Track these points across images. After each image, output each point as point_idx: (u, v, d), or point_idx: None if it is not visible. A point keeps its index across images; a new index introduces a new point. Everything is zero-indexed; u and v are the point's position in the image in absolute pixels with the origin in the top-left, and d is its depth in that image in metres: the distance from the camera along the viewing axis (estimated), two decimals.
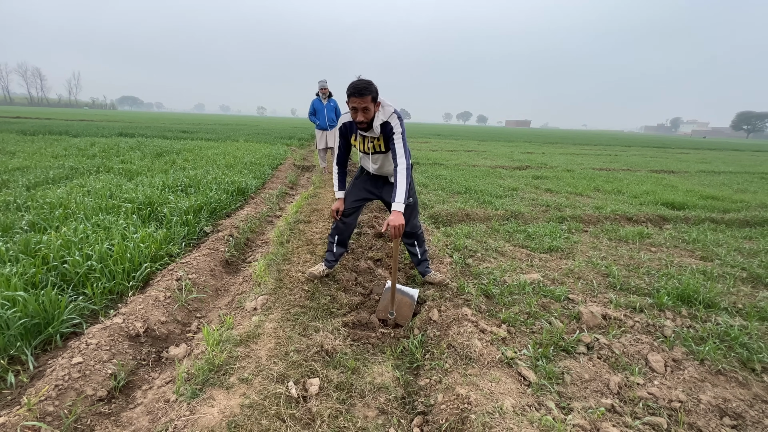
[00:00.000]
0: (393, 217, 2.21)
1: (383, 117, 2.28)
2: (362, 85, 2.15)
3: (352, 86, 2.17)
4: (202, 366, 1.72)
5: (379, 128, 2.30)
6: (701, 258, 3.62)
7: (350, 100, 2.18)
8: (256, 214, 4.41)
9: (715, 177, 9.63)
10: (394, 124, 2.29)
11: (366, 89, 2.14)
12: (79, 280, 2.38)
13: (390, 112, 2.29)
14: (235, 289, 2.74)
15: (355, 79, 2.21)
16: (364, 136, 2.39)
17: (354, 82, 2.19)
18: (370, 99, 2.17)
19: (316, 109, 7.33)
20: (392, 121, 2.29)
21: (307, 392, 1.67)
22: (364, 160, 2.58)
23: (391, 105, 2.31)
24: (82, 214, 3.45)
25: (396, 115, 2.30)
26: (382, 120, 2.28)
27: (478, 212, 4.77)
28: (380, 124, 2.28)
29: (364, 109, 2.18)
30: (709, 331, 2.24)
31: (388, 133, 2.32)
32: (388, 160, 2.47)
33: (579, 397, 1.73)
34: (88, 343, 1.82)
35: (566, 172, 9.19)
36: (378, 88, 2.22)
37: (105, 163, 6.56)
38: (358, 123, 2.25)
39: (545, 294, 2.66)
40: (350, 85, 2.19)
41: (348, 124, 2.41)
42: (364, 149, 2.45)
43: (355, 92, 2.14)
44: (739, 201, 6.21)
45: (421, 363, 2.01)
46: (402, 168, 2.29)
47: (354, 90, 2.15)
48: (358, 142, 2.44)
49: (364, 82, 2.17)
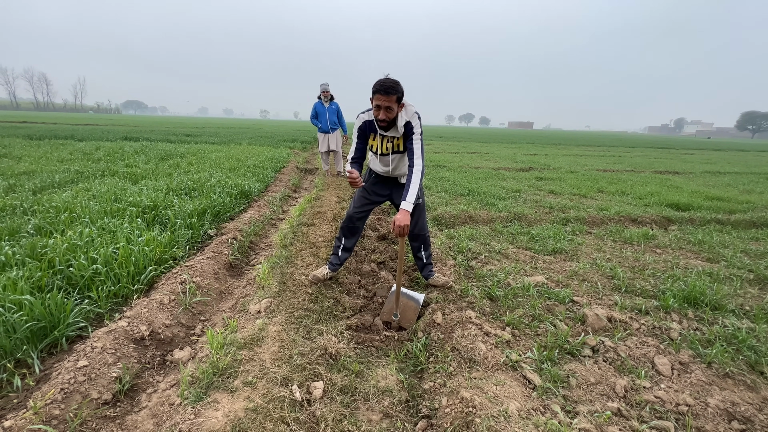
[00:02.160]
0: (400, 216, 2.19)
1: (406, 117, 2.29)
2: (389, 83, 2.13)
3: (379, 83, 2.15)
4: (207, 369, 1.72)
5: (403, 128, 2.31)
6: (707, 259, 3.59)
7: (375, 97, 2.16)
8: (260, 217, 4.42)
9: (720, 178, 9.56)
10: (414, 124, 2.31)
11: (393, 88, 2.13)
12: (84, 283, 2.39)
13: (412, 112, 2.31)
14: (239, 292, 2.75)
15: (382, 77, 2.17)
16: (384, 135, 2.37)
17: (381, 80, 2.16)
18: (395, 99, 2.16)
19: (318, 113, 7.37)
20: (413, 120, 2.31)
21: (311, 395, 1.67)
22: (376, 163, 2.56)
23: (412, 105, 2.31)
24: (88, 217, 3.48)
25: (417, 115, 2.32)
26: (405, 120, 2.29)
27: (482, 214, 4.76)
28: (403, 124, 2.30)
29: (387, 108, 2.17)
30: (716, 334, 2.22)
31: (409, 133, 2.33)
32: (403, 160, 2.47)
33: (585, 400, 1.72)
34: (94, 346, 1.82)
35: (570, 173, 9.16)
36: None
37: (110, 167, 6.61)
38: (379, 121, 2.24)
39: (549, 296, 2.64)
40: (378, 82, 2.16)
41: (368, 122, 2.38)
42: (383, 150, 2.42)
43: (382, 90, 2.12)
44: (745, 202, 6.15)
45: (425, 366, 2.00)
46: (418, 169, 2.29)
47: (381, 87, 2.13)
48: (377, 142, 2.41)
49: (392, 81, 2.14)
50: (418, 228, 2.62)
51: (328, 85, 7.23)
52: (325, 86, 7.22)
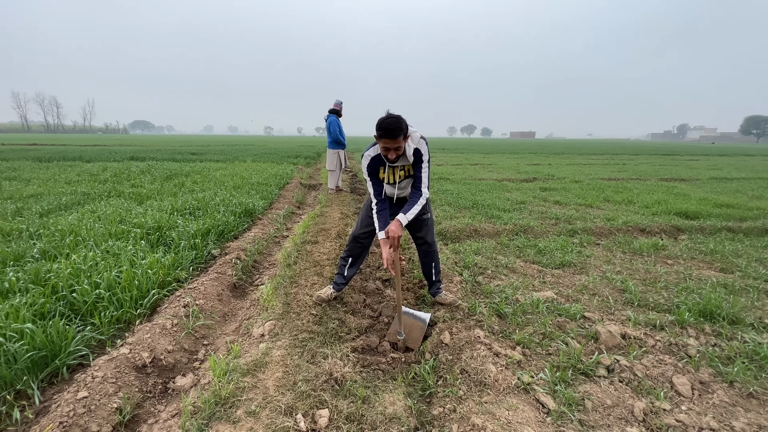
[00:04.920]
0: (394, 227, 2.23)
1: (414, 144, 2.29)
2: (394, 125, 2.06)
3: (384, 128, 2.07)
4: (208, 399, 1.67)
5: (412, 156, 2.31)
6: (721, 270, 3.50)
7: (382, 140, 2.12)
8: (264, 236, 4.41)
9: (728, 184, 9.44)
10: (423, 151, 2.32)
11: (398, 129, 2.07)
12: (87, 309, 2.37)
13: (418, 138, 2.29)
14: (243, 314, 2.71)
15: (385, 117, 2.09)
16: (394, 166, 2.36)
17: (385, 123, 2.07)
18: (401, 138, 2.13)
19: (341, 129, 7.40)
20: (421, 147, 2.31)
21: (316, 425, 1.61)
22: (387, 189, 2.56)
23: (416, 130, 2.29)
24: (92, 240, 3.49)
25: (423, 140, 2.32)
26: (413, 147, 2.29)
27: (487, 227, 4.71)
28: (412, 152, 2.30)
29: (396, 148, 2.16)
30: (736, 350, 2.13)
31: (418, 160, 2.34)
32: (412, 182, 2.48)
33: (602, 425, 1.64)
34: (94, 376, 1.79)
35: (574, 183, 9.10)
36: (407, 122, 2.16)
37: (116, 188, 6.68)
38: (389, 159, 2.24)
39: (560, 312, 2.57)
40: (382, 125, 2.08)
41: (376, 158, 2.35)
42: (395, 178, 2.43)
43: (388, 134, 2.07)
44: (756, 208, 6.04)
45: (434, 390, 1.94)
46: (422, 197, 2.36)
47: (387, 132, 2.07)
48: (387, 173, 2.40)
49: (395, 121, 2.07)
50: (429, 241, 2.61)
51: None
52: (342, 103, 7.34)
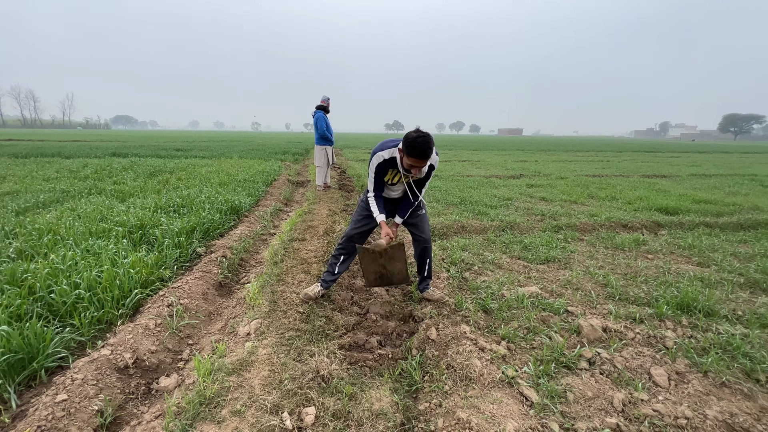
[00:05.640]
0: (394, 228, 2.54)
1: (430, 161, 2.31)
2: (427, 149, 2.08)
3: (418, 149, 2.06)
4: (193, 399, 1.65)
5: (427, 169, 2.38)
6: (698, 264, 3.61)
7: (411, 159, 2.12)
8: (250, 233, 4.36)
9: (706, 180, 9.73)
10: (435, 165, 2.43)
11: (429, 152, 2.10)
12: (66, 310, 2.31)
13: (433, 154, 2.30)
14: (229, 313, 2.68)
15: (417, 136, 2.07)
16: (407, 175, 2.38)
17: (419, 145, 2.06)
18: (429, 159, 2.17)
19: (328, 125, 7.31)
20: (435, 163, 2.40)
21: (302, 423, 1.61)
22: (387, 190, 2.61)
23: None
24: (72, 239, 3.39)
25: (437, 156, 2.39)
26: (429, 164, 2.34)
27: (474, 224, 4.75)
28: (427, 167, 2.38)
29: (421, 167, 2.20)
30: (710, 341, 2.21)
31: (429, 172, 2.45)
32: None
33: (583, 416, 1.68)
34: (74, 378, 1.75)
35: (560, 179, 9.25)
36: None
37: (97, 185, 6.50)
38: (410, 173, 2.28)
39: (544, 307, 2.62)
40: (415, 146, 2.06)
41: (389, 161, 2.34)
42: (397, 182, 2.50)
43: (421, 156, 2.09)
44: (732, 204, 6.24)
45: (420, 386, 1.95)
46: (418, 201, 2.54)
47: (420, 154, 2.08)
48: (396, 178, 2.45)
49: (429, 143, 2.08)
50: (426, 237, 2.67)
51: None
52: (329, 99, 7.27)
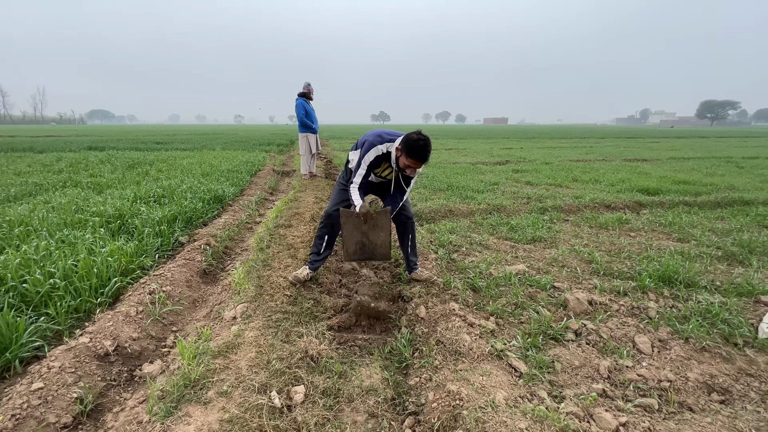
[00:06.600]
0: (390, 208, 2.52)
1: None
2: (428, 150, 2.20)
3: (419, 151, 2.17)
4: (177, 382, 1.61)
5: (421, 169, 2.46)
6: (678, 240, 3.71)
7: (411, 160, 2.21)
8: (235, 222, 4.27)
9: (685, 163, 10.00)
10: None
11: (429, 154, 2.23)
12: (41, 299, 2.21)
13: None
14: (214, 299, 2.62)
15: (419, 138, 2.17)
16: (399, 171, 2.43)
17: (421, 146, 2.16)
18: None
19: (308, 111, 7.09)
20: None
21: (291, 401, 1.59)
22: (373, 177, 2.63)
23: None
24: (45, 230, 3.25)
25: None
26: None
27: (461, 207, 4.76)
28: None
29: (418, 168, 2.31)
30: (691, 310, 2.27)
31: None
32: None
33: (570, 384, 1.71)
34: (50, 366, 1.68)
35: (545, 165, 9.35)
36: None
37: (72, 178, 6.25)
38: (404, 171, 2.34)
39: (531, 284, 2.65)
40: (416, 148, 2.16)
41: (384, 156, 2.40)
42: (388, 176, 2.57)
43: (422, 158, 2.19)
44: (709, 184, 6.44)
45: (410, 362, 1.95)
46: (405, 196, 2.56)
47: (421, 156, 2.19)
48: (387, 171, 2.52)
49: (430, 146, 2.21)
50: (408, 214, 2.67)
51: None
52: (311, 85, 7.05)
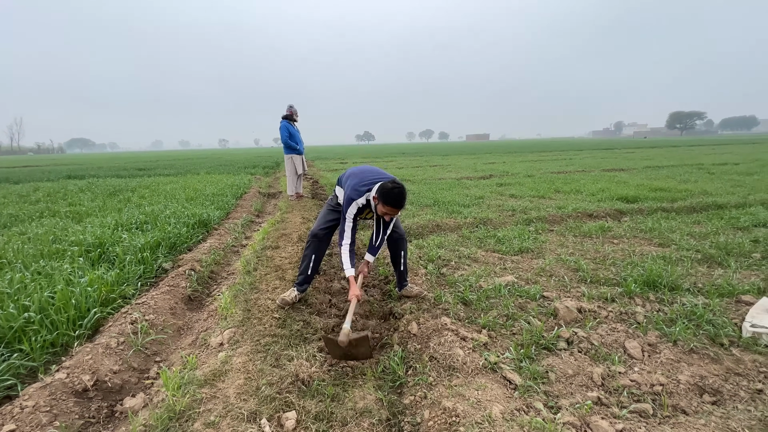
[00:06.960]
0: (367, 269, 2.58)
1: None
2: (403, 197, 2.30)
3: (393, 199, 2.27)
4: (161, 415, 1.53)
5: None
6: (659, 245, 3.81)
7: (388, 208, 2.30)
8: (221, 246, 4.19)
9: (659, 171, 10.39)
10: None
11: (405, 200, 2.33)
12: (14, 335, 2.10)
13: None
14: (200, 326, 2.54)
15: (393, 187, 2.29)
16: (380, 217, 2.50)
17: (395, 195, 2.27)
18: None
19: (292, 133, 7.14)
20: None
21: (282, 428, 1.53)
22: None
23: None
24: (20, 262, 3.12)
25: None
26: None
27: (448, 222, 4.81)
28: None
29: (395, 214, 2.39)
30: (677, 313, 2.32)
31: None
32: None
33: (565, 393, 1.70)
34: (23, 406, 1.58)
35: (527, 177, 9.58)
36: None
37: (50, 208, 6.07)
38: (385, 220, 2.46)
39: (521, 294, 2.66)
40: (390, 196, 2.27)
41: (364, 207, 2.47)
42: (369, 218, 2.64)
43: (397, 205, 2.29)
44: (684, 190, 6.69)
45: (404, 380, 1.91)
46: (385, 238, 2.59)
47: (396, 203, 2.28)
48: (370, 215, 2.58)
49: (404, 194, 2.32)
50: (398, 230, 2.67)
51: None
52: (294, 107, 7.14)
